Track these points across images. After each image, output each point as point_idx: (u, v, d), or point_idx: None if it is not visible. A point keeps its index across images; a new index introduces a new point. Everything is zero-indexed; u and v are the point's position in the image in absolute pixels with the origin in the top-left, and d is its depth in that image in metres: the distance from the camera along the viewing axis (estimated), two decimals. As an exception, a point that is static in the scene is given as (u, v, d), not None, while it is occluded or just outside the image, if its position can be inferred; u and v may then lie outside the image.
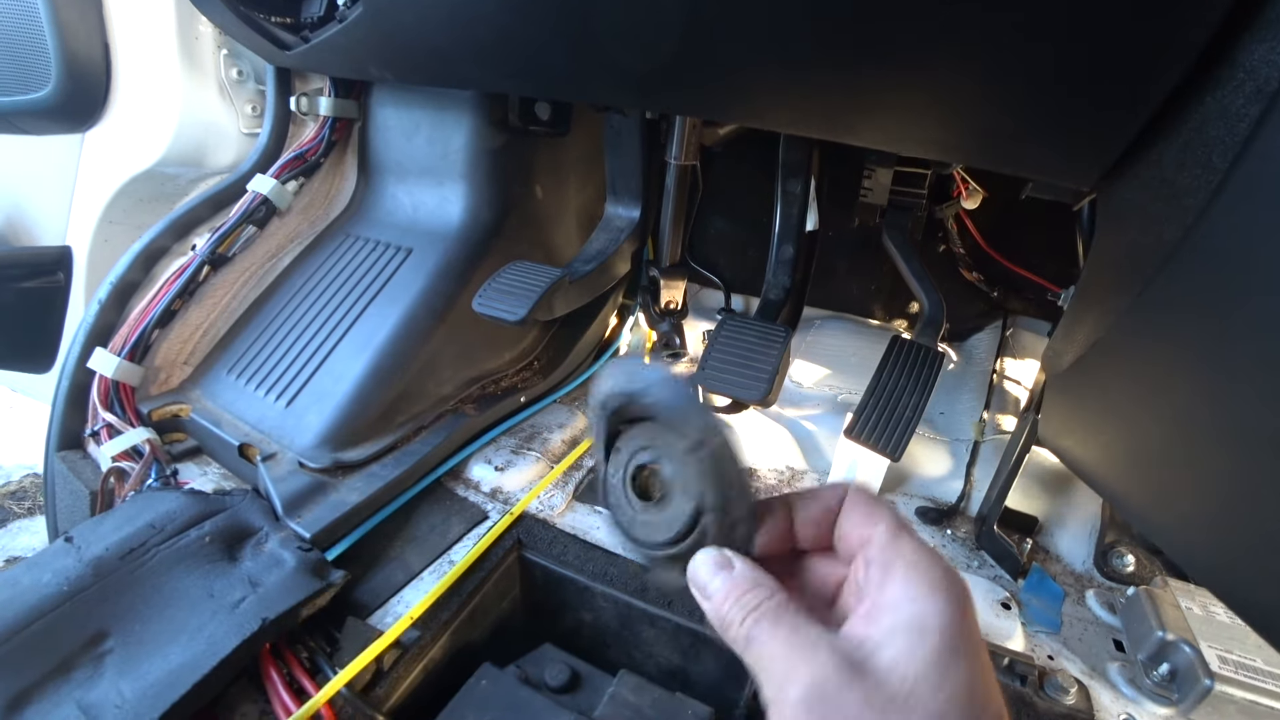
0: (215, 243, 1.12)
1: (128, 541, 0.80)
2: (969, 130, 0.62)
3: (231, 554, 0.82)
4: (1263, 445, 0.48)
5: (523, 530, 0.90)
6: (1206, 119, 0.52)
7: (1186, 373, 0.56)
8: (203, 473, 0.99)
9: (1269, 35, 0.47)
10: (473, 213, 1.14)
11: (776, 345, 0.85)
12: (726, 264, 1.40)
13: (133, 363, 1.04)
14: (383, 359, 1.00)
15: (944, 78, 0.57)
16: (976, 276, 1.31)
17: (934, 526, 1.03)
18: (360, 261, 1.13)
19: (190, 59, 1.29)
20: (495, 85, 0.92)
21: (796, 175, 1.04)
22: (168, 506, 0.85)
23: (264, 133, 1.24)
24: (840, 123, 0.63)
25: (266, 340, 1.10)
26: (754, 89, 0.66)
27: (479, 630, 0.84)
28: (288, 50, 1.05)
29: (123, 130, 1.37)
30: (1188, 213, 0.54)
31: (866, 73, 0.58)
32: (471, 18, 0.72)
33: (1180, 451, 0.59)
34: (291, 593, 0.76)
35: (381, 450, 0.97)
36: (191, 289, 1.11)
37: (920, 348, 0.94)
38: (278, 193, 1.17)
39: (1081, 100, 0.56)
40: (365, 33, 0.86)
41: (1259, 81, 0.48)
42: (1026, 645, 0.82)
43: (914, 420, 0.86)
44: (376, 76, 0.94)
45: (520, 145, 1.17)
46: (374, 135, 1.23)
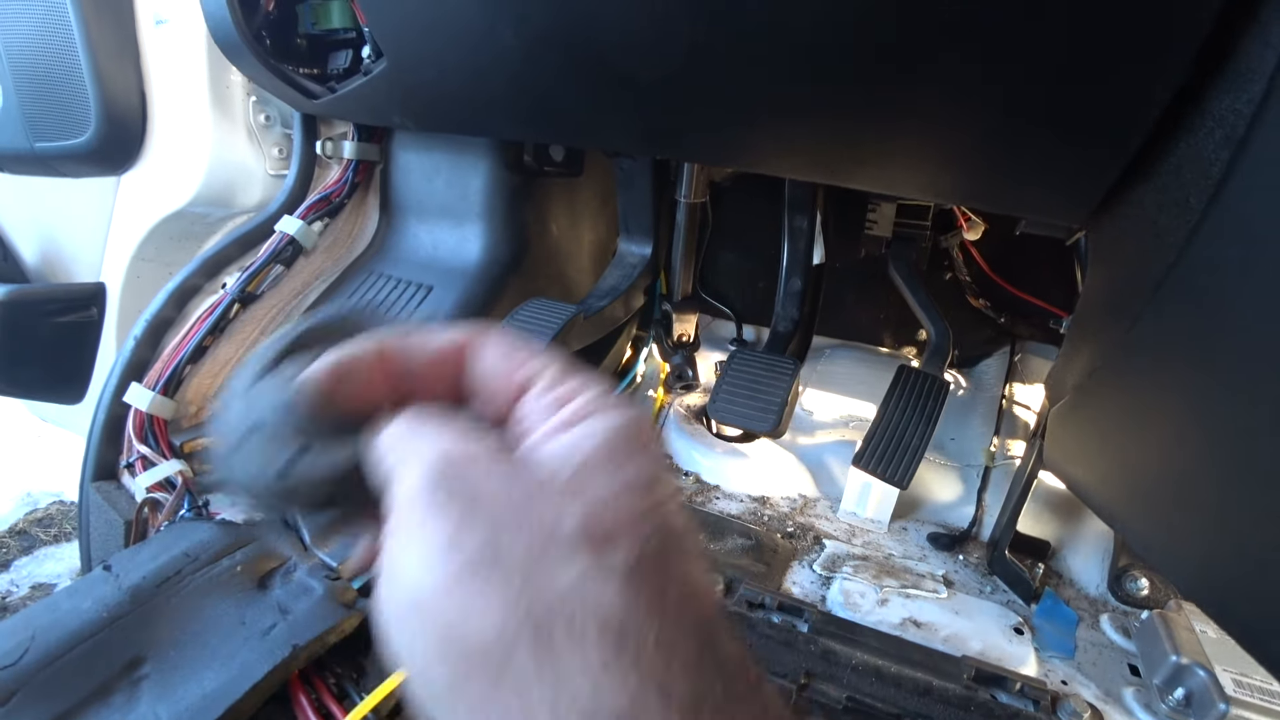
0: (245, 281, 1.17)
1: (164, 570, 0.83)
2: (961, 176, 0.66)
3: (261, 582, 0.85)
4: (1250, 473, 0.50)
5: (542, 558, 0.92)
6: (1182, 163, 0.55)
7: (1177, 403, 0.59)
8: (232, 503, 1.02)
9: (1234, 86, 0.50)
10: (490, 251, 1.18)
11: (785, 377, 0.88)
12: (737, 296, 1.43)
13: (166, 397, 1.08)
14: (406, 392, 1.04)
15: (936, 130, 0.61)
16: (983, 303, 1.33)
17: (946, 552, 1.05)
18: (383, 298, 1.18)
19: (221, 106, 1.35)
20: (512, 134, 0.97)
21: (802, 211, 1.08)
22: (201, 536, 0.88)
23: (290, 175, 1.29)
24: (838, 170, 0.67)
25: (293, 374, 1.13)
26: (756, 139, 0.69)
27: (499, 656, 0.86)
28: (315, 99, 1.11)
29: (156, 173, 1.43)
30: (1170, 251, 0.57)
31: (862, 127, 0.61)
32: (490, 72, 0.77)
33: (1175, 479, 0.61)
34: (320, 620, 0.79)
35: (404, 481, 1.00)
36: (222, 326, 1.15)
37: (927, 377, 0.97)
38: (304, 233, 1.22)
39: (1065, 147, 0.59)
40: (388, 85, 0.91)
41: (1227, 129, 0.51)
42: (1040, 670, 0.83)
43: (921, 449, 0.88)
44: (398, 125, 0.99)
45: (535, 186, 1.22)
46: (395, 177, 1.29)
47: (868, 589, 0.93)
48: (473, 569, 0.21)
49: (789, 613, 0.87)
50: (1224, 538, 0.54)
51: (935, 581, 0.96)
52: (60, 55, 1.33)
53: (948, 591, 0.94)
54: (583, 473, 0.24)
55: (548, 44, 0.68)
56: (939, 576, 0.97)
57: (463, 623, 0.21)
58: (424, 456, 0.24)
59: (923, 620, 0.89)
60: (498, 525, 0.22)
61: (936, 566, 1.00)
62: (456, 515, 0.22)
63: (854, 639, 0.84)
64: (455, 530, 0.22)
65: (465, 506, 0.23)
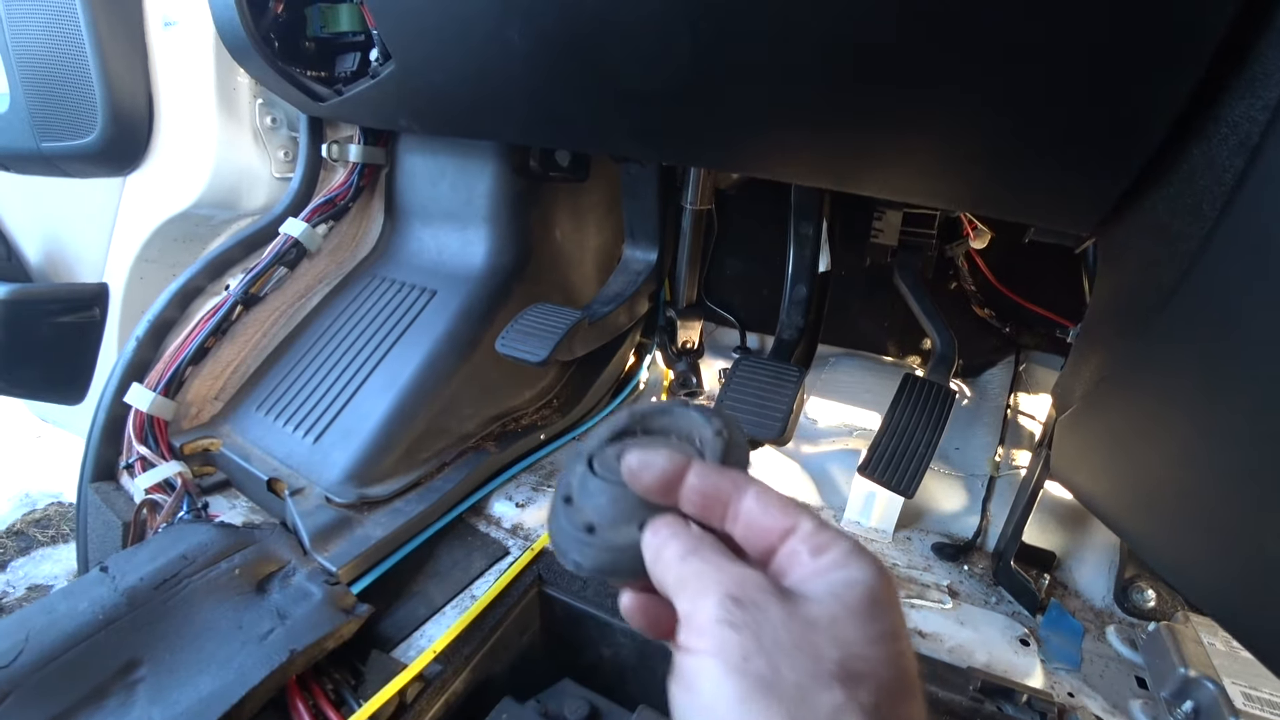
0: (248, 283, 1.17)
1: (161, 572, 0.82)
2: (972, 182, 0.65)
3: (260, 586, 0.85)
4: (1261, 483, 0.50)
5: (543, 566, 0.91)
6: (1195, 170, 0.55)
7: (1187, 412, 0.58)
8: (232, 506, 1.02)
9: (1249, 92, 0.50)
10: (495, 255, 1.18)
11: (790, 385, 0.87)
12: (742, 303, 1.43)
13: (167, 398, 1.08)
14: (407, 397, 1.04)
15: (947, 136, 0.60)
16: (989, 313, 1.33)
17: (950, 563, 1.03)
18: (386, 302, 1.17)
19: (228, 108, 1.35)
20: (518, 138, 0.97)
21: (808, 218, 1.08)
22: (200, 538, 0.88)
23: (296, 178, 1.29)
24: (846, 175, 0.67)
25: (295, 378, 1.13)
26: (764, 145, 0.69)
27: (500, 665, 0.85)
28: (321, 102, 1.11)
29: (162, 174, 1.43)
30: (1183, 258, 0.56)
31: (871, 132, 0.61)
32: (497, 76, 0.77)
33: (1184, 489, 0.60)
34: (318, 625, 0.78)
35: (406, 486, 0.99)
36: (224, 327, 1.15)
37: (932, 385, 0.96)
38: (308, 236, 1.22)
39: (1077, 153, 0.59)
40: (396, 88, 0.91)
41: (1241, 135, 0.50)
42: (1046, 682, 0.82)
43: (926, 457, 0.87)
44: (405, 128, 0.99)
45: (541, 191, 1.22)
46: (401, 181, 1.29)
47: (872, 599, 0.91)
48: (758, 690, 0.27)
49: (794, 622, 0.86)
50: (1234, 548, 0.53)
51: (940, 592, 0.95)
52: (68, 56, 1.33)
53: (953, 602, 0.93)
54: (844, 620, 0.29)
55: (553, 47, 0.68)
56: (944, 587, 0.96)
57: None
58: (718, 585, 0.30)
59: (928, 631, 0.88)
60: (778, 655, 0.27)
61: (941, 577, 0.99)
62: (747, 643, 0.28)
63: (859, 650, 0.83)
64: (744, 656, 0.28)
65: (753, 636, 0.28)
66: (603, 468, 0.39)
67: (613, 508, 0.37)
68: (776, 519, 0.33)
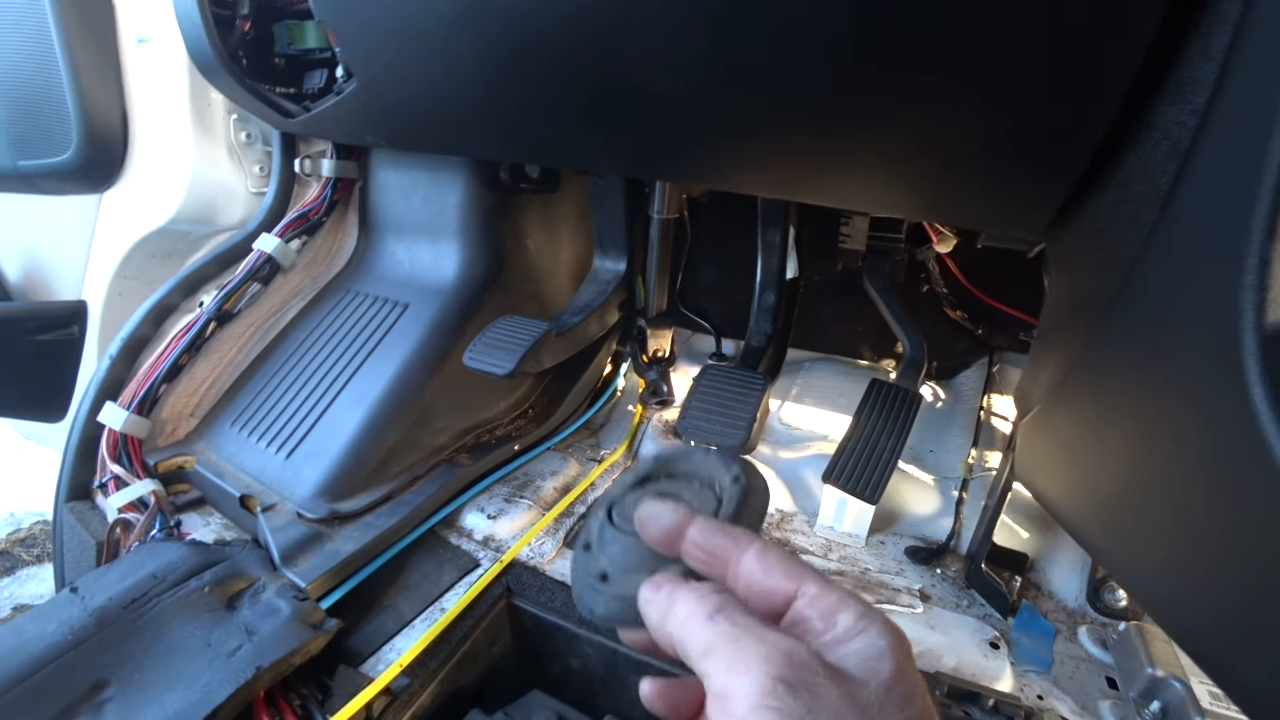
0: (221, 300, 1.17)
1: (130, 591, 0.83)
2: (917, 192, 0.66)
3: (230, 603, 0.85)
4: (1201, 489, 0.50)
5: (512, 578, 0.92)
6: (1131, 176, 0.56)
7: (1132, 418, 0.59)
8: (205, 523, 1.02)
9: (1178, 97, 0.51)
10: (467, 268, 1.19)
11: (755, 393, 0.88)
12: (716, 310, 1.43)
13: (140, 416, 1.08)
14: (378, 412, 1.04)
15: (892, 149, 0.61)
16: (961, 315, 1.33)
17: (923, 566, 1.04)
18: (359, 316, 1.18)
19: (202, 124, 1.35)
20: (481, 153, 0.98)
21: (775, 225, 1.08)
22: (170, 557, 0.88)
23: (269, 193, 1.30)
24: (798, 187, 0.68)
25: (269, 394, 1.14)
26: (715, 157, 0.70)
27: (468, 677, 0.85)
28: (291, 118, 1.11)
29: (138, 190, 1.44)
30: (1124, 263, 0.57)
31: (820, 146, 0.62)
32: (455, 93, 0.77)
33: (1133, 494, 0.61)
34: (285, 641, 0.79)
35: (377, 500, 1.00)
36: (198, 344, 1.15)
37: (898, 390, 0.97)
38: (282, 251, 1.22)
39: (1017, 162, 0.60)
40: (360, 104, 0.92)
41: (1173, 141, 0.51)
42: (1015, 685, 0.82)
43: (892, 463, 0.88)
44: (372, 143, 1.00)
45: (512, 202, 1.22)
46: (374, 195, 1.29)
47: (842, 605, 0.92)
48: None
49: (761, 630, 0.87)
50: (1180, 555, 0.54)
51: (911, 596, 0.95)
52: (43, 74, 1.34)
53: (924, 606, 0.93)
54: (885, 698, 0.29)
55: (504, 62, 0.69)
56: (915, 591, 0.97)
57: None
58: (763, 661, 0.28)
59: (897, 636, 0.88)
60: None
61: (914, 580, 1.00)
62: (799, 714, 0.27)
63: (824, 658, 0.83)
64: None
65: (805, 708, 0.27)
66: (620, 517, 0.40)
67: (625, 557, 0.38)
68: (779, 581, 0.33)
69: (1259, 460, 0.41)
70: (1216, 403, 0.46)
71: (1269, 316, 0.43)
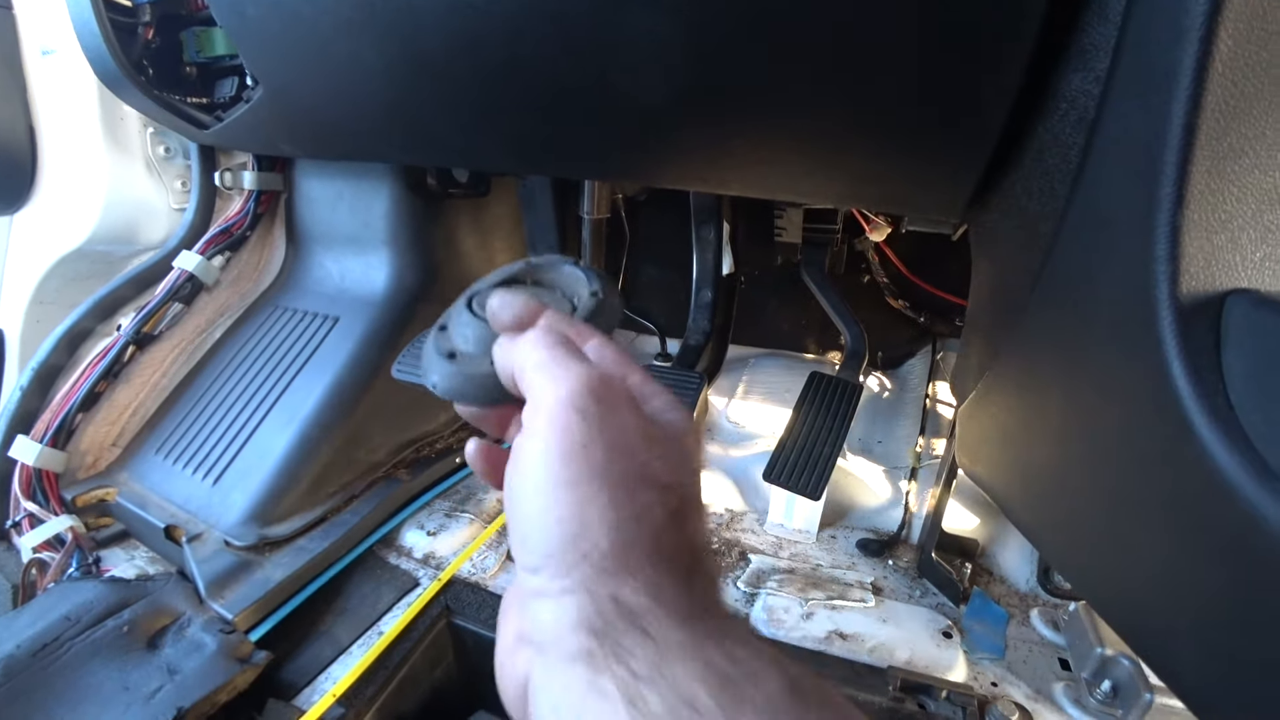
0: (140, 322, 1.12)
1: (41, 637, 0.78)
2: (840, 178, 0.65)
3: (151, 642, 0.81)
4: (1124, 465, 0.50)
5: (451, 596, 0.89)
6: (1043, 148, 0.55)
7: (1057, 400, 0.58)
8: (129, 557, 0.97)
9: (1082, 65, 0.50)
10: (398, 278, 1.15)
11: (691, 393, 0.86)
12: (659, 309, 1.42)
13: (55, 449, 1.03)
14: (309, 430, 1.00)
15: (799, 136, 0.60)
16: (903, 304, 1.34)
17: (875, 558, 1.03)
18: (288, 333, 1.13)
19: (115, 139, 1.29)
20: (397, 159, 0.95)
21: (708, 221, 1.07)
22: (84, 597, 0.83)
23: (190, 209, 1.24)
24: (711, 179, 0.66)
25: (195, 418, 1.09)
26: (625, 153, 0.68)
27: (409, 702, 0.82)
28: (205, 129, 1.06)
29: (51, 211, 1.37)
30: (1043, 238, 0.56)
31: (727, 135, 0.60)
32: (362, 98, 0.74)
33: (1060, 478, 0.60)
34: (210, 678, 0.75)
35: (310, 523, 0.96)
36: (116, 370, 1.10)
37: (837, 382, 0.96)
38: (204, 269, 1.17)
39: (930, 141, 0.59)
40: (269, 113, 0.88)
41: (1079, 110, 0.50)
42: (970, 673, 0.82)
43: (832, 457, 0.87)
44: (288, 152, 0.96)
45: (441, 209, 1.19)
46: (299, 206, 1.25)
47: (792, 603, 0.91)
48: (588, 475, 0.29)
49: (708, 634, 0.85)
50: (1108, 538, 0.54)
51: (864, 590, 0.94)
52: (-60, 93, 1.27)
53: (876, 600, 0.93)
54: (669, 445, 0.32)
55: (409, 66, 0.66)
56: (868, 584, 0.96)
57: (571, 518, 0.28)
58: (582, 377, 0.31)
59: (849, 632, 0.87)
60: (615, 452, 0.30)
61: (866, 574, 0.99)
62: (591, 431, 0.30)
63: (775, 658, 0.82)
64: (584, 444, 0.29)
65: (599, 428, 0.30)
66: (479, 306, 0.41)
67: (476, 341, 0.39)
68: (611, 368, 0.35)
69: (1180, 435, 0.41)
70: (1136, 377, 0.45)
71: (1182, 287, 0.42)
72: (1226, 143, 0.40)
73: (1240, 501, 0.37)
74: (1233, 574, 0.41)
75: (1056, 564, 0.81)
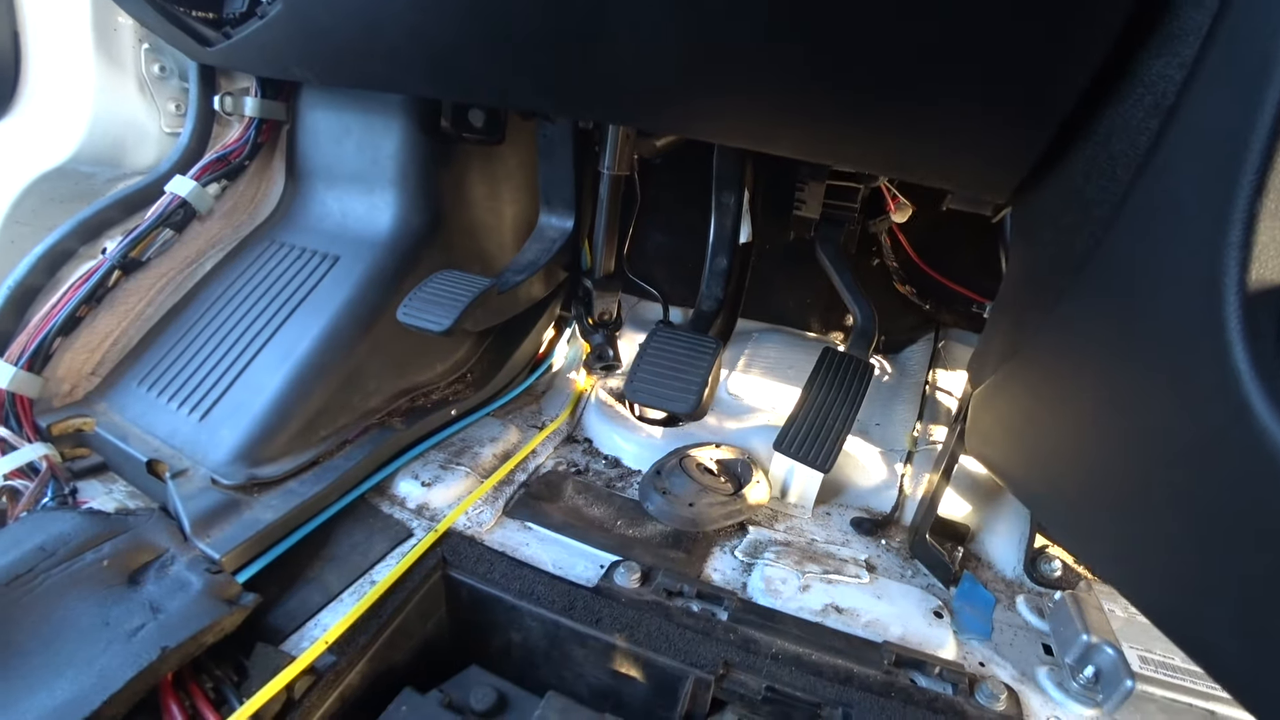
0: (127, 246, 1.06)
1: (13, 568, 0.74)
2: (889, 145, 0.63)
3: (133, 578, 0.77)
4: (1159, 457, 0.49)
5: (447, 548, 0.87)
6: (1111, 132, 0.54)
7: (1094, 385, 0.58)
8: (107, 491, 0.93)
9: (1166, 50, 0.49)
10: (403, 220, 1.11)
11: (707, 357, 0.84)
12: (664, 276, 1.39)
13: (31, 373, 0.98)
14: (304, 370, 0.96)
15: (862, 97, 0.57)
16: (909, 290, 1.33)
17: (868, 537, 1.04)
18: (284, 269, 1.09)
19: (107, 52, 1.22)
20: (414, 88, 0.90)
21: (730, 187, 1.04)
22: (61, 528, 0.80)
23: (185, 132, 1.18)
24: (762, 136, 0.63)
25: (182, 350, 1.04)
26: (668, 99, 0.65)
27: (401, 654, 0.80)
28: (210, 46, 1.01)
29: (32, 124, 1.29)
30: (1096, 223, 0.55)
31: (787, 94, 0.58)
32: (382, 18, 0.70)
33: (1089, 462, 0.60)
34: (196, 618, 0.72)
35: (301, 466, 0.93)
36: (100, 295, 1.04)
37: (850, 359, 0.95)
38: (198, 195, 1.12)
39: (993, 115, 0.57)
40: (285, 30, 0.84)
41: (1157, 95, 0.49)
42: (959, 653, 0.84)
43: (844, 432, 0.86)
44: (300, 76, 0.91)
45: (454, 152, 1.15)
46: (302, 138, 1.19)
47: (790, 575, 0.91)
48: None
49: (708, 600, 0.85)
50: (1135, 521, 0.53)
51: (858, 566, 0.95)
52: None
53: (869, 576, 0.94)
54: None
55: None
56: (861, 561, 0.97)
57: None
58: None
59: (844, 606, 0.88)
60: None
61: (859, 551, 1.00)
62: None
63: (774, 627, 0.82)
64: None
65: None
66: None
67: None
68: None
69: (1238, 416, 0.40)
70: (1193, 366, 0.44)
71: (1252, 275, 0.41)
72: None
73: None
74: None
75: (1074, 547, 0.82)
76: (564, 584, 0.84)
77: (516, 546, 0.90)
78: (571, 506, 0.99)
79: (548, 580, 0.84)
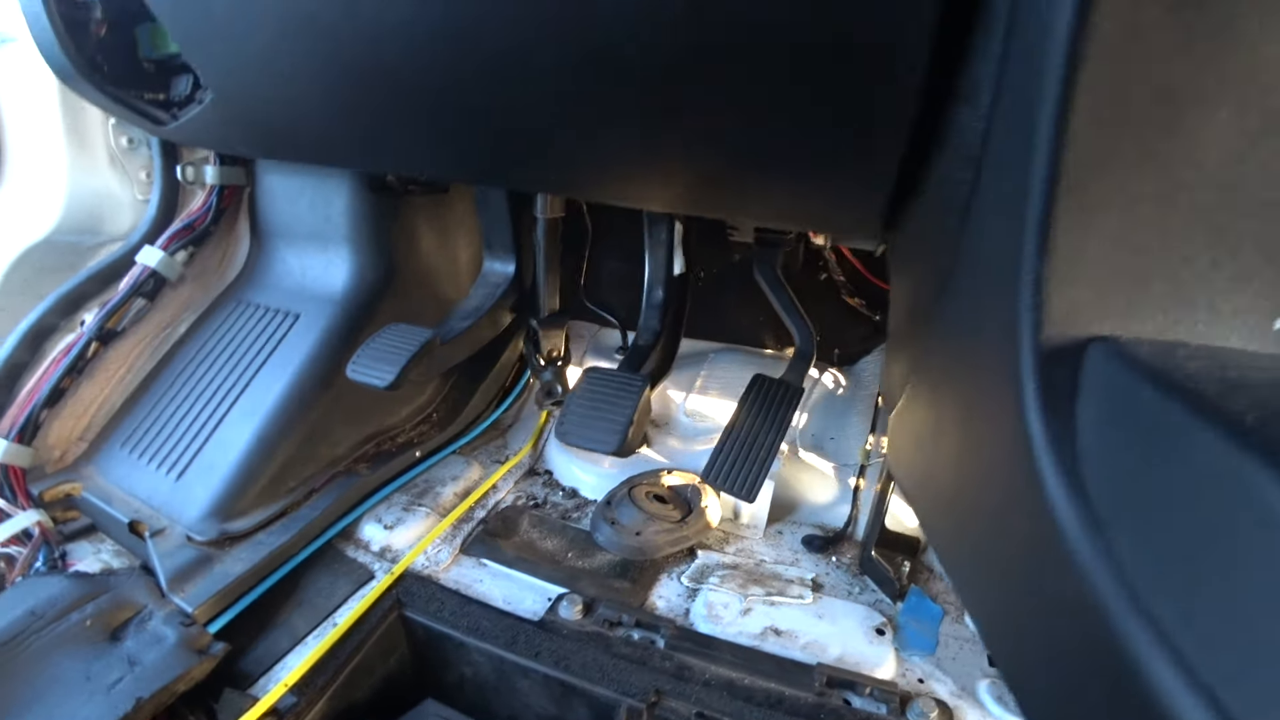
0: (104, 318, 1.13)
1: (7, 631, 0.82)
2: (753, 200, 0.67)
3: (114, 634, 0.84)
4: (999, 495, 0.52)
5: (403, 589, 0.93)
6: (941, 183, 0.56)
7: (954, 419, 0.61)
8: (95, 551, 1.00)
9: (969, 99, 0.50)
10: (358, 275, 1.17)
11: (632, 396, 0.89)
12: (620, 303, 1.44)
13: (21, 444, 1.05)
14: (269, 426, 1.03)
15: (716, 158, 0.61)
16: (859, 302, 1.36)
17: (819, 554, 1.05)
18: (250, 328, 1.15)
19: (76, 130, 1.29)
20: (346, 163, 0.96)
21: (660, 221, 1.09)
22: (50, 592, 0.87)
23: (152, 204, 1.25)
24: (636, 195, 0.68)
25: (160, 412, 1.11)
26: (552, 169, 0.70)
27: (361, 691, 0.86)
28: (162, 125, 1.07)
29: (14, 202, 1.37)
30: (942, 271, 0.58)
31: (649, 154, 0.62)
32: (303, 104, 0.76)
33: (956, 490, 0.63)
34: (169, 669, 0.79)
35: (270, 517, 0.99)
36: (80, 366, 1.12)
37: (780, 384, 0.99)
38: (166, 264, 1.19)
39: (830, 182, 0.60)
40: (220, 114, 0.89)
41: (968, 146, 0.50)
42: (899, 669, 0.85)
43: (769, 460, 0.90)
44: (244, 153, 0.97)
45: (402, 205, 1.20)
46: (262, 200, 1.26)
47: (732, 599, 0.94)
48: None
49: (647, 629, 0.88)
50: (984, 559, 0.56)
51: (803, 586, 0.97)
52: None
53: (814, 596, 0.95)
54: None
55: (346, 77, 0.68)
56: (808, 581, 0.98)
57: None
58: None
59: (783, 628, 0.90)
60: None
61: (808, 570, 1.02)
62: None
63: (709, 653, 0.85)
64: None
65: None
66: None
67: None
68: None
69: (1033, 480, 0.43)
70: (1006, 416, 0.47)
71: (1045, 335, 0.43)
72: (1091, 195, 0.40)
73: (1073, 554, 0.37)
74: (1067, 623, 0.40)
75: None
76: (510, 619, 0.89)
77: (470, 584, 0.96)
78: (526, 541, 1.04)
79: (495, 615, 0.89)
